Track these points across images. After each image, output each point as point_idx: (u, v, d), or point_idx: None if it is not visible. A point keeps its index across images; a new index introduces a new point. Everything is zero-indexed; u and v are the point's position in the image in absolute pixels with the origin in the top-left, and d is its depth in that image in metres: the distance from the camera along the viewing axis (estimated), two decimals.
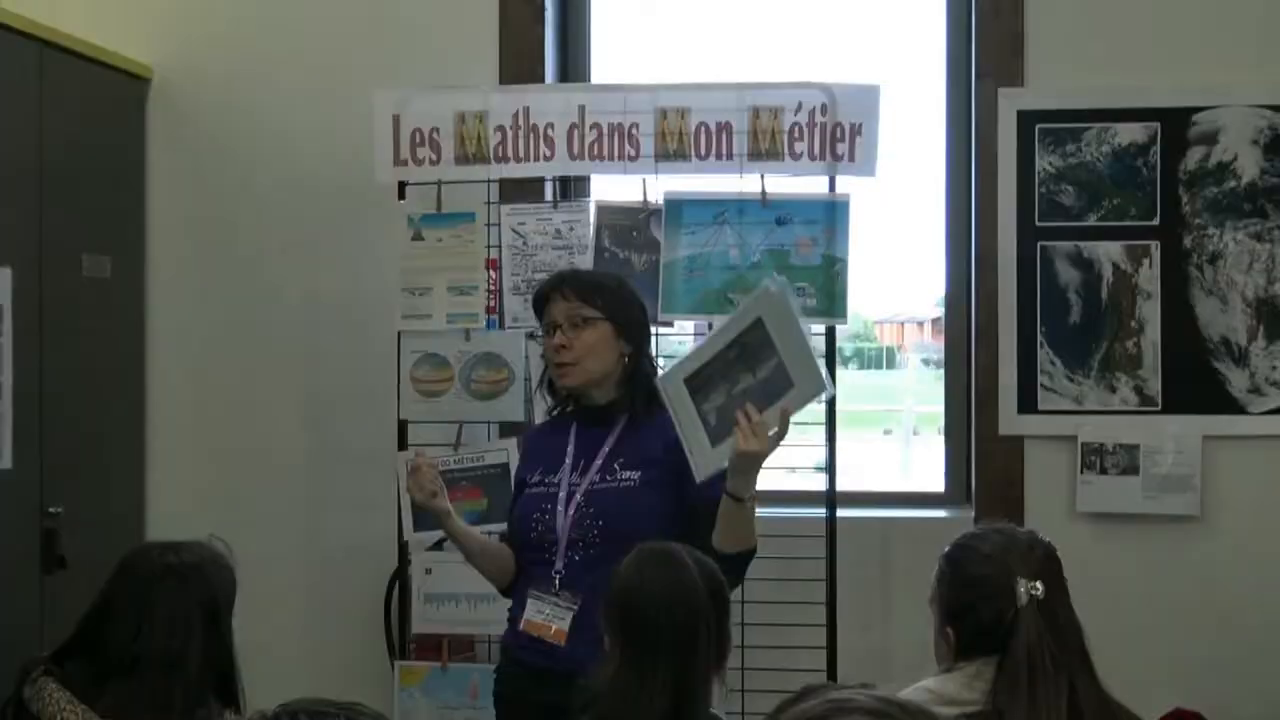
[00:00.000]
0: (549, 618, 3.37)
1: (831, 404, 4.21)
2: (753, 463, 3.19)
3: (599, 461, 3.44)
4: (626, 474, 3.41)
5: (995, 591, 2.54)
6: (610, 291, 3.54)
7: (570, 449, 3.48)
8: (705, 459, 3.29)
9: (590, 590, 3.26)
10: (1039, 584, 2.52)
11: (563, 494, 3.42)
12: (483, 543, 3.66)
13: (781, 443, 3.22)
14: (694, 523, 3.26)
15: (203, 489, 4.98)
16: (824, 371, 3.25)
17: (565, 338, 3.46)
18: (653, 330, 4.23)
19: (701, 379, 3.31)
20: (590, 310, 3.47)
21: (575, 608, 3.34)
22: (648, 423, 3.45)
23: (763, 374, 3.22)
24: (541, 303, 3.55)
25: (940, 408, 5.01)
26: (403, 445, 4.40)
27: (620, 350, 3.50)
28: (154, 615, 2.81)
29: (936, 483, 5.02)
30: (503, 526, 3.75)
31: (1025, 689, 2.46)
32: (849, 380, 3.94)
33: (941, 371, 5.01)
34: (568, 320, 3.47)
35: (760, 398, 3.20)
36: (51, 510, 4.31)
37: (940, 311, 5.12)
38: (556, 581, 3.38)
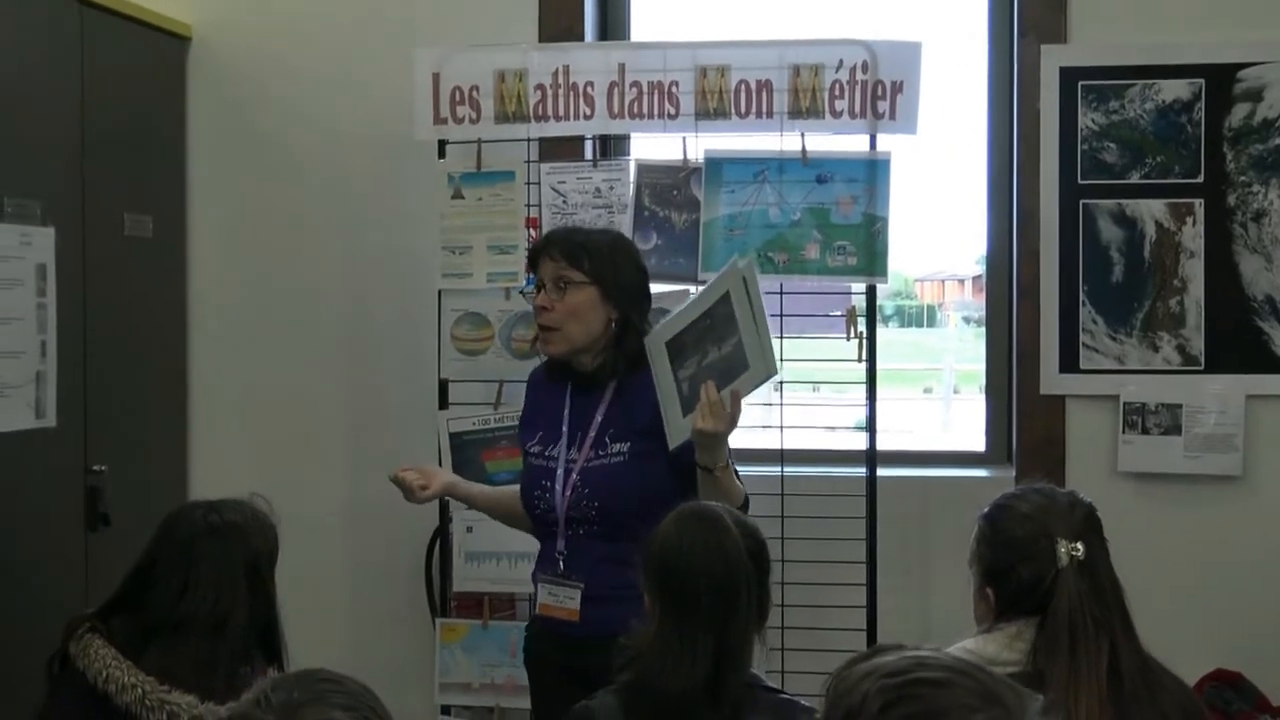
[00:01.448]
0: (561, 600, 3.40)
1: (872, 362, 4.21)
2: (710, 439, 3.21)
3: (592, 434, 3.42)
4: (617, 447, 3.39)
5: (1035, 552, 2.54)
6: (600, 254, 3.44)
7: (566, 415, 3.47)
8: (676, 428, 3.31)
9: (594, 564, 3.34)
10: (1080, 545, 2.51)
11: (560, 471, 3.42)
12: (494, 499, 3.74)
13: (737, 424, 3.24)
14: (692, 482, 3.26)
15: (245, 447, 5.01)
16: (775, 354, 3.25)
17: (548, 299, 3.41)
18: (692, 290, 4.25)
19: (680, 344, 3.32)
20: (576, 274, 3.40)
21: (581, 586, 3.36)
22: (635, 387, 3.42)
23: (725, 350, 3.23)
24: (535, 260, 3.51)
25: (981, 366, 4.99)
26: (444, 404, 4.42)
27: (608, 315, 3.43)
28: (198, 576, 2.83)
29: (977, 442, 5.00)
30: None
31: (1066, 650, 2.46)
32: (889, 338, 3.92)
33: (982, 329, 4.99)
34: (553, 282, 3.41)
35: (720, 375, 3.21)
36: (95, 468, 4.34)
37: (981, 270, 5.09)
38: (560, 563, 3.41)
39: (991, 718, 1.40)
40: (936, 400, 14.25)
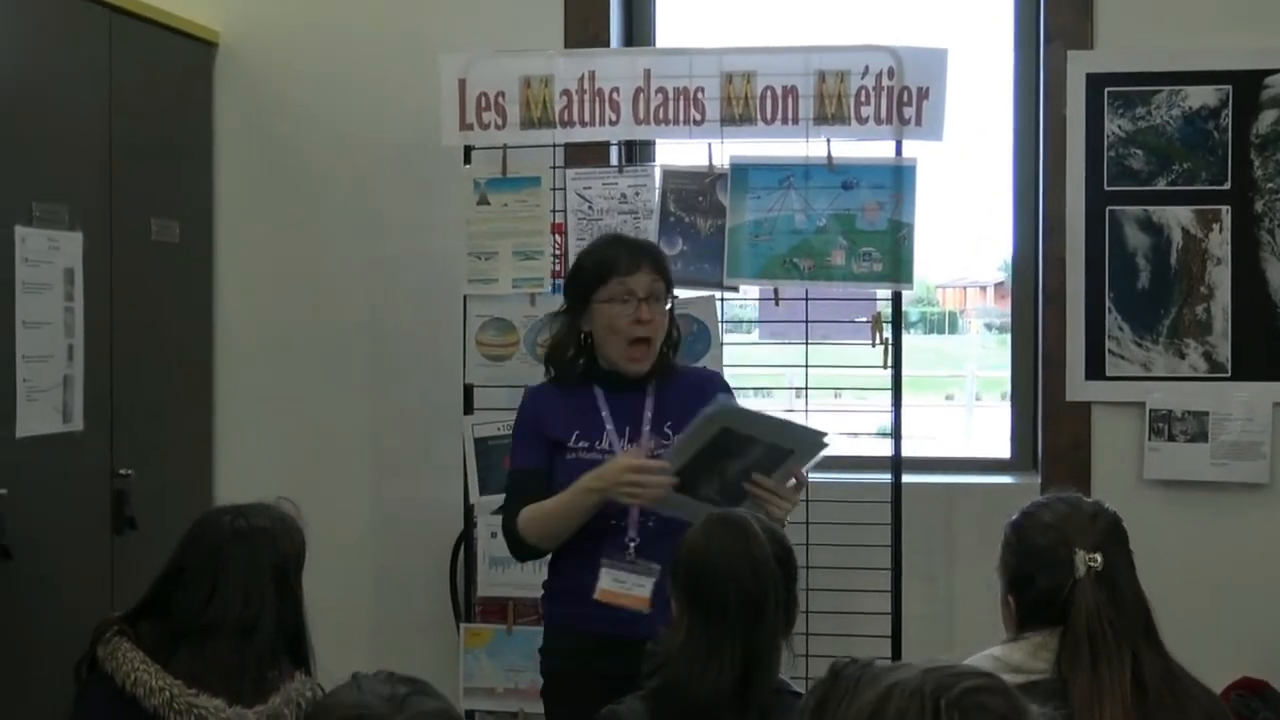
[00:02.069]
0: (629, 586, 3.31)
1: (897, 368, 4.21)
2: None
3: (647, 427, 3.41)
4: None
5: (1054, 562, 2.53)
6: (666, 261, 3.53)
7: (605, 414, 3.44)
8: None
9: (668, 557, 3.26)
10: (1098, 556, 2.50)
11: None
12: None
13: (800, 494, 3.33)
14: None
15: (270, 451, 5.02)
16: (815, 427, 3.31)
17: (650, 312, 3.39)
18: (717, 296, 4.26)
19: (689, 477, 3.25)
20: (662, 284, 3.43)
21: (655, 575, 3.28)
22: (672, 382, 3.46)
23: (752, 457, 3.23)
24: (610, 269, 3.42)
25: (1002, 373, 4.99)
26: (468, 409, 4.43)
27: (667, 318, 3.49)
28: (227, 582, 2.83)
29: (1000, 448, 5.00)
30: None
31: (1088, 661, 2.45)
32: (911, 345, 3.93)
33: (1004, 336, 4.99)
34: (650, 294, 3.39)
35: (764, 469, 3.23)
36: (122, 472, 4.36)
37: (1002, 276, 5.09)
38: (632, 549, 3.34)
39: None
40: (959, 407, 14.23)
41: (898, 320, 4.26)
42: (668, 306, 3.46)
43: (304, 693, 2.83)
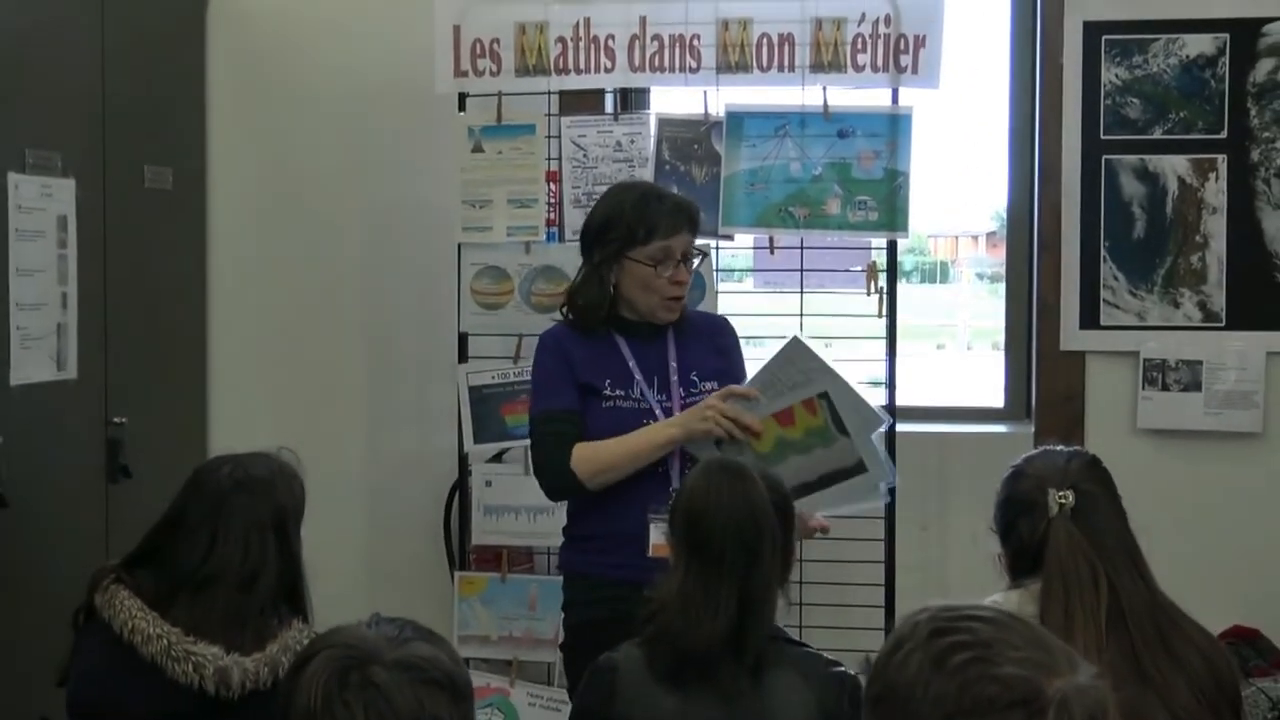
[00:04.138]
0: None
1: (892, 317, 4.21)
2: None
3: (674, 377, 3.41)
4: (708, 385, 3.40)
5: (1031, 507, 2.58)
6: (699, 217, 3.53)
7: (632, 364, 3.42)
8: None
9: None
10: (1069, 493, 2.54)
11: (659, 411, 3.36)
12: None
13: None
14: None
15: (264, 399, 5.01)
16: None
17: (686, 272, 3.40)
18: (712, 244, 4.25)
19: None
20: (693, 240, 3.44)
21: None
22: (690, 331, 3.46)
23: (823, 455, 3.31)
24: (652, 230, 3.36)
25: (994, 323, 4.99)
26: (463, 357, 4.43)
27: None
28: (227, 534, 2.82)
29: (991, 398, 5.01)
30: None
31: (1061, 596, 2.49)
32: (903, 294, 3.93)
33: (995, 286, 4.99)
34: (685, 255, 3.39)
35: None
36: (116, 420, 4.35)
37: (995, 226, 5.08)
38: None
39: (1031, 657, 1.45)
40: (950, 357, 14.21)
41: (893, 269, 4.26)
42: (696, 260, 3.47)
43: (301, 640, 2.82)
